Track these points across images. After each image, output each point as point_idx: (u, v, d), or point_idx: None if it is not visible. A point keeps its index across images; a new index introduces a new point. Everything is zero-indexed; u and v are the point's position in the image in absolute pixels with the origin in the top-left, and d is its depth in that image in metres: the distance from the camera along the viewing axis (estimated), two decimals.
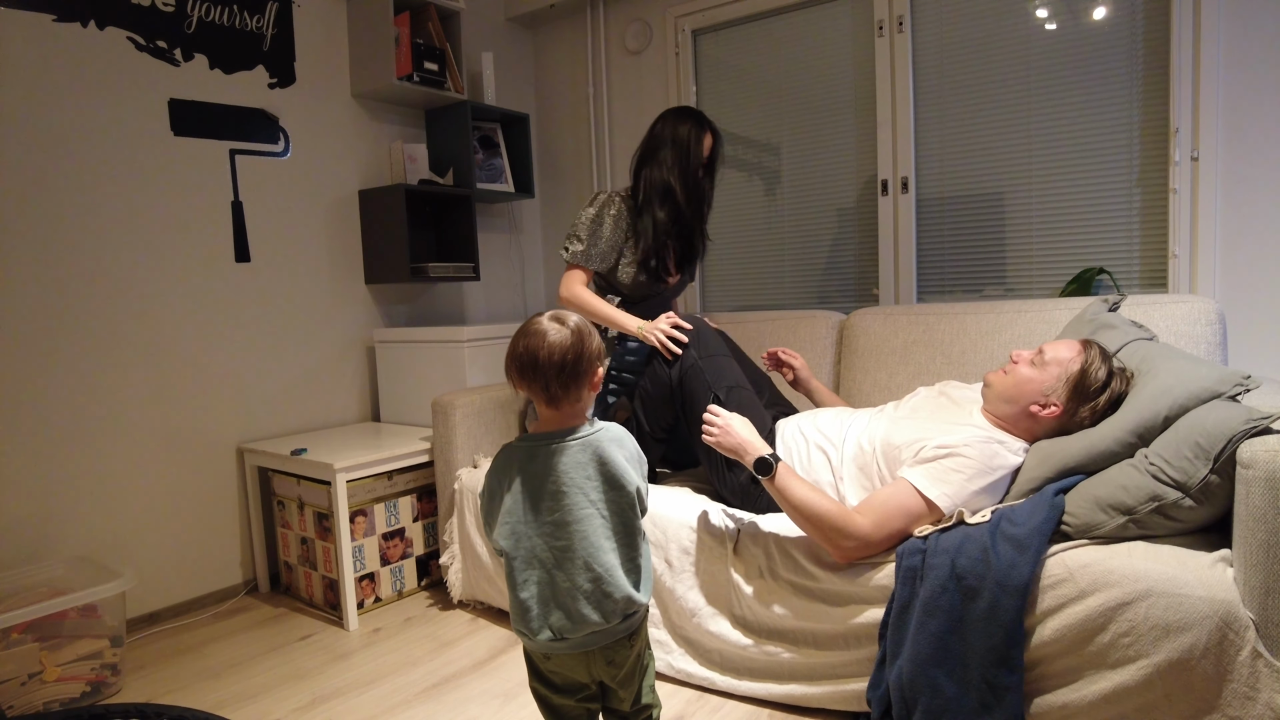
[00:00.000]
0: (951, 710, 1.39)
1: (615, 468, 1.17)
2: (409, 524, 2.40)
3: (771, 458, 1.58)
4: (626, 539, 1.18)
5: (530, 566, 1.16)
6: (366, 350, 2.86)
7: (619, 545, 1.17)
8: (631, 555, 1.18)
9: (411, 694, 1.83)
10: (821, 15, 2.72)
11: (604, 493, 1.17)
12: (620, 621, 1.16)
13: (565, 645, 1.16)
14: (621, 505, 1.17)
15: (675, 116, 2.13)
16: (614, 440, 1.19)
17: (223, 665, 2.02)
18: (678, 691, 1.78)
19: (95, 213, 2.16)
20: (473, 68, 3.09)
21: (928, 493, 1.52)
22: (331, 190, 2.73)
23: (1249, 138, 2.03)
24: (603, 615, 1.14)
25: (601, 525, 1.16)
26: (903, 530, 1.53)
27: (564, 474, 1.16)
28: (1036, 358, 1.62)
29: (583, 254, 2.12)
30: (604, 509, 1.16)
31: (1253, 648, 1.21)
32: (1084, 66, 2.26)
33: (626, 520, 1.18)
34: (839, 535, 1.53)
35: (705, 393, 1.86)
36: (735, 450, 1.63)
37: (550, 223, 3.50)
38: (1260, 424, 1.29)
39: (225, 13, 2.43)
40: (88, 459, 2.16)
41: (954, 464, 1.54)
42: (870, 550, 1.55)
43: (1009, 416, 1.64)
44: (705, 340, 1.93)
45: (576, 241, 2.13)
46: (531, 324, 1.19)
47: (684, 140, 2.09)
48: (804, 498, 1.54)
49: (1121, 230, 2.24)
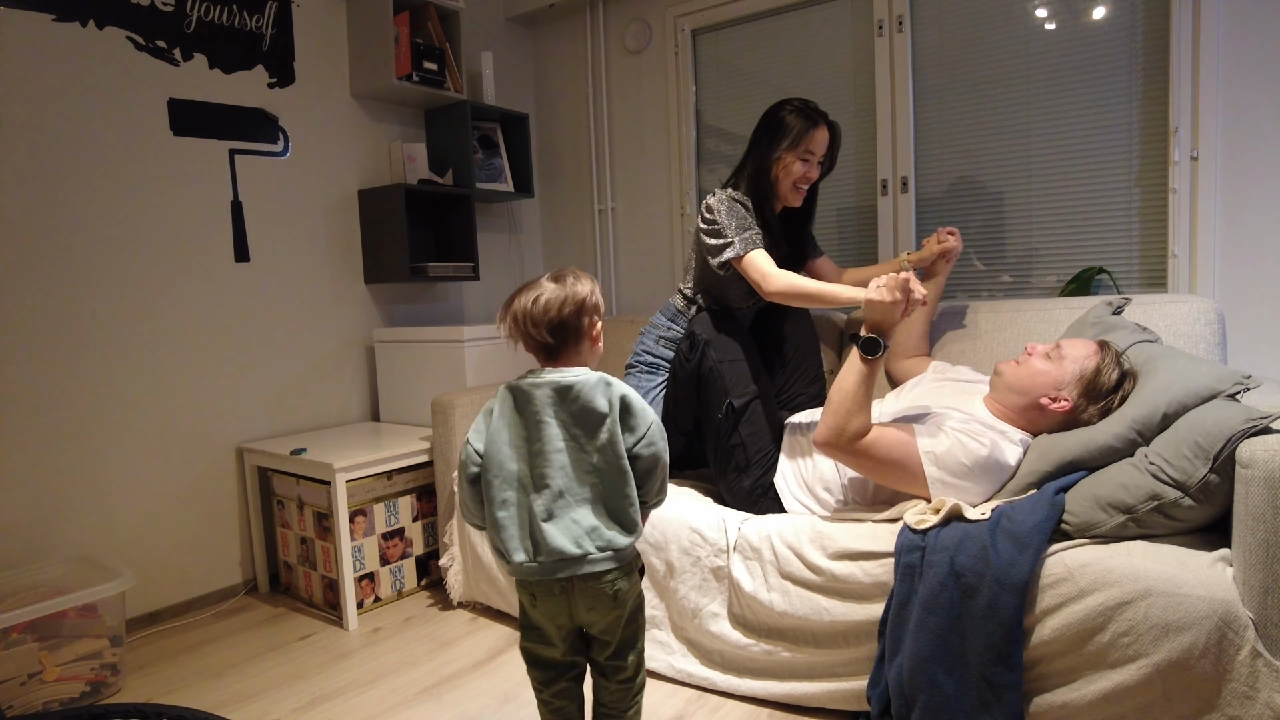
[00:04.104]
0: (951, 708, 1.39)
1: (597, 403, 1.21)
2: (409, 524, 2.40)
3: (883, 348, 1.58)
4: (609, 476, 1.22)
5: (509, 487, 1.22)
6: (366, 350, 2.86)
7: (602, 482, 1.22)
8: (614, 494, 1.22)
9: (411, 694, 1.83)
10: (821, 15, 2.72)
11: (590, 431, 1.21)
12: (596, 553, 1.20)
13: (538, 570, 1.20)
14: (604, 441, 1.21)
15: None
16: (610, 385, 1.24)
17: (222, 665, 2.02)
18: (678, 691, 1.78)
19: (94, 213, 2.16)
20: (472, 67, 3.09)
21: (921, 453, 1.55)
22: (331, 190, 2.73)
23: (1249, 138, 2.03)
24: (574, 543, 1.19)
25: (582, 459, 1.21)
26: (889, 461, 1.57)
27: (552, 409, 1.21)
28: (1053, 351, 1.63)
29: (756, 234, 1.94)
30: (587, 445, 1.21)
31: (1252, 647, 1.22)
32: (1084, 66, 2.26)
33: (609, 457, 1.21)
34: (844, 421, 1.56)
35: (720, 399, 1.86)
36: (881, 324, 1.59)
37: (550, 222, 3.51)
38: (1259, 423, 1.30)
39: (225, 12, 2.43)
40: (88, 459, 2.16)
41: (962, 448, 1.54)
42: (845, 454, 1.59)
43: (1016, 407, 1.64)
44: (729, 343, 1.90)
45: (740, 229, 1.92)
46: (530, 282, 1.26)
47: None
48: (859, 390, 1.57)
49: (1121, 230, 2.24)
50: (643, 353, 2.11)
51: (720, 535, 1.76)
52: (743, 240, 1.91)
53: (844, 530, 1.62)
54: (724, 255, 1.92)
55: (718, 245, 1.94)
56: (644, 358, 2.11)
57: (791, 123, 1.96)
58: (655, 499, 1.30)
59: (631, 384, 2.06)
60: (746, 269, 1.90)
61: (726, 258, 1.92)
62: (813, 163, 2.00)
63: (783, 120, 1.98)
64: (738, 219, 1.93)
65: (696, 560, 1.78)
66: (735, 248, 1.90)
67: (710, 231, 1.96)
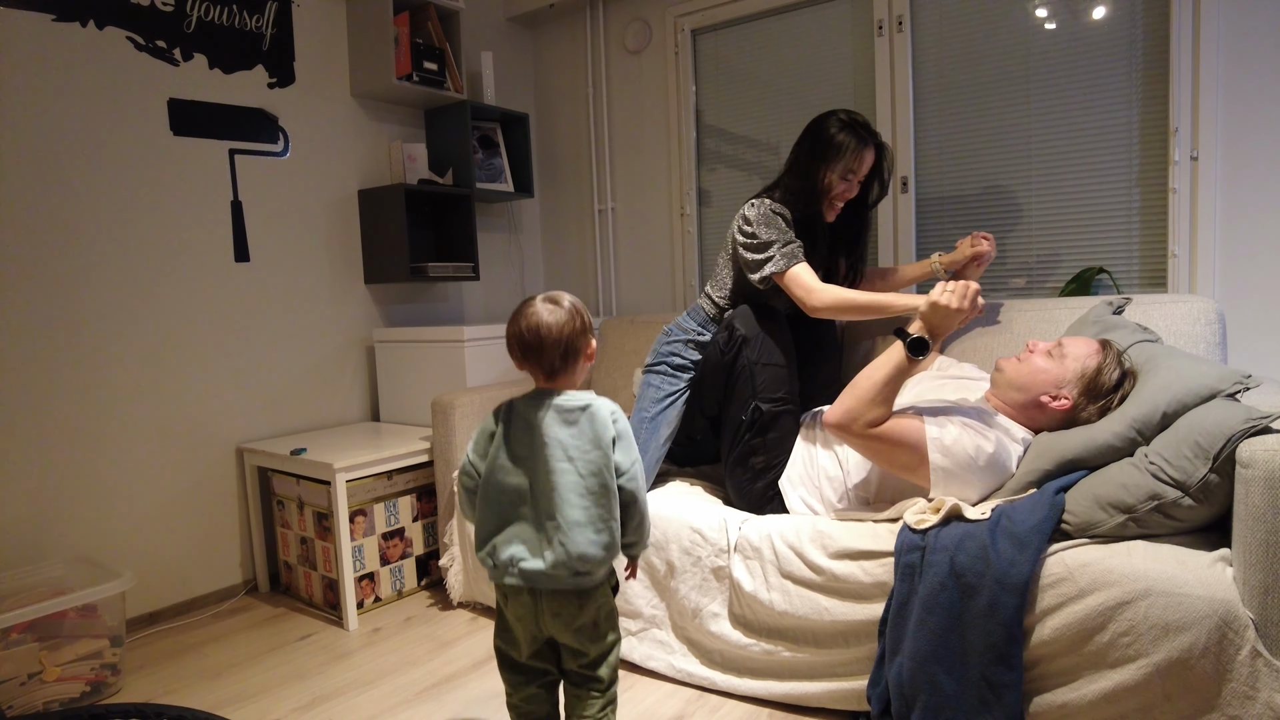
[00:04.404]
0: (951, 708, 1.39)
1: (599, 428, 1.26)
2: (409, 524, 2.40)
3: (927, 345, 1.55)
4: (601, 499, 1.25)
5: (503, 498, 1.27)
6: (366, 350, 2.86)
7: (591, 504, 1.24)
8: (604, 516, 1.25)
9: (411, 694, 1.83)
10: (821, 15, 2.72)
11: (584, 451, 1.25)
12: (569, 575, 1.23)
13: (513, 576, 1.24)
14: (599, 465, 1.25)
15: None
16: (603, 407, 1.28)
17: (222, 665, 2.02)
18: (678, 691, 1.78)
19: (94, 213, 2.16)
20: (472, 67, 3.09)
21: (929, 441, 1.54)
22: (331, 190, 2.73)
23: (1249, 138, 2.03)
24: (552, 563, 1.23)
25: (576, 482, 1.24)
26: (896, 444, 1.56)
27: (548, 428, 1.26)
28: (1055, 349, 1.63)
29: (798, 246, 1.89)
30: (581, 467, 1.25)
31: (1252, 647, 1.22)
32: (1084, 66, 2.26)
33: (603, 481, 1.25)
34: (864, 410, 1.56)
35: (747, 399, 1.84)
36: (938, 329, 1.57)
37: (550, 222, 3.51)
38: (1259, 423, 1.30)
39: (225, 12, 2.43)
40: (88, 459, 2.16)
41: (970, 440, 1.54)
42: (854, 438, 1.58)
43: (1016, 403, 1.64)
44: (768, 344, 1.85)
45: (781, 243, 1.87)
46: (528, 306, 1.30)
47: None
48: (889, 384, 1.56)
49: (1121, 230, 2.24)
50: (670, 354, 2.07)
51: (721, 535, 1.76)
52: (784, 254, 1.85)
53: (844, 530, 1.62)
54: (764, 270, 1.86)
55: (757, 260, 1.88)
56: (672, 360, 2.06)
57: (841, 141, 1.88)
58: (636, 537, 1.32)
59: (654, 383, 2.05)
60: (789, 284, 1.85)
61: (767, 273, 1.86)
62: (853, 182, 1.92)
63: (830, 136, 1.89)
64: (778, 231, 1.87)
65: (697, 560, 1.78)
66: (776, 262, 1.85)
67: (749, 245, 1.90)
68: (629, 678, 1.85)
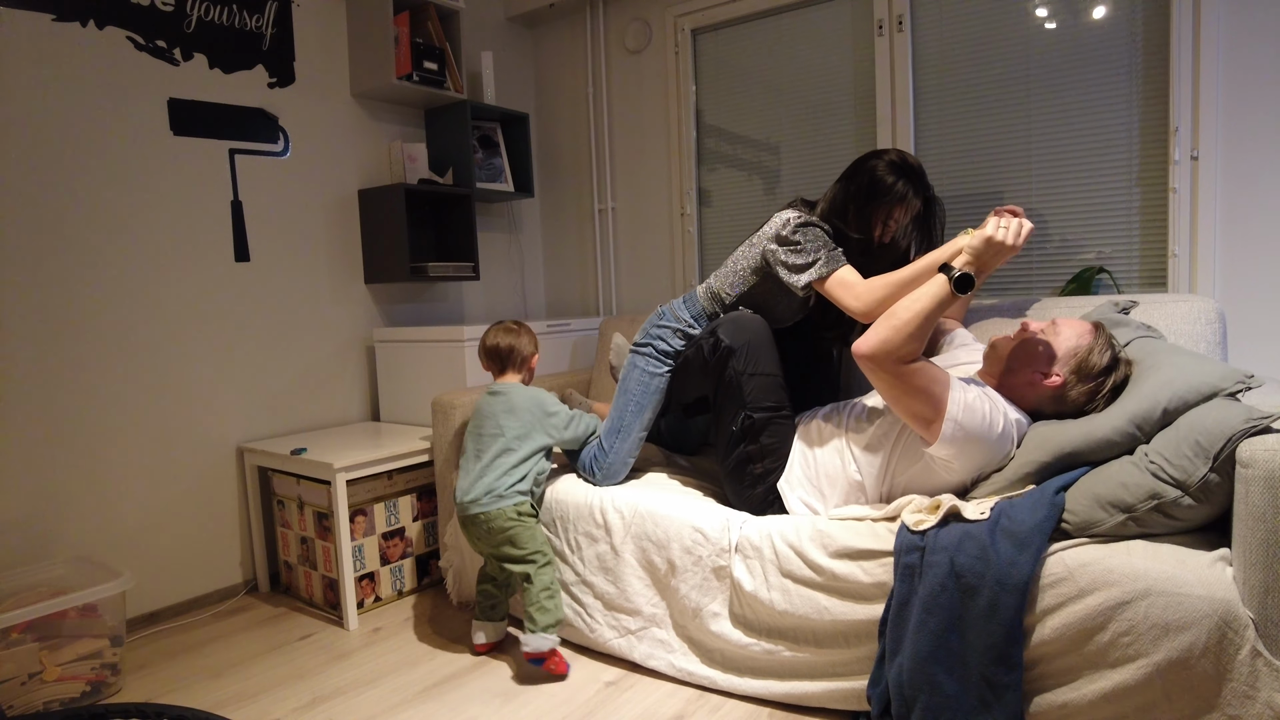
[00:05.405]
0: (951, 708, 1.39)
1: (520, 406, 1.97)
2: (409, 523, 2.40)
3: (973, 281, 1.53)
4: (522, 454, 1.93)
5: (469, 453, 1.97)
6: (366, 350, 2.86)
7: (513, 455, 1.92)
8: (519, 463, 1.92)
9: (411, 693, 1.83)
10: (821, 15, 2.72)
11: (509, 420, 1.95)
12: (486, 497, 1.88)
13: (460, 506, 1.91)
14: (521, 430, 1.94)
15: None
16: (527, 393, 1.99)
17: (223, 665, 2.02)
18: (678, 690, 1.78)
19: (94, 212, 2.16)
20: (472, 67, 3.09)
21: (951, 394, 1.53)
22: (331, 190, 2.73)
23: (1249, 137, 2.03)
24: (476, 497, 1.88)
25: (502, 442, 1.93)
26: (919, 390, 1.53)
27: (493, 407, 1.98)
28: (1049, 328, 1.63)
29: (840, 250, 1.86)
30: (507, 432, 1.94)
31: (1252, 646, 1.22)
32: (1084, 66, 2.26)
33: (525, 439, 1.94)
34: (900, 343, 1.52)
35: (736, 410, 1.83)
36: (987, 265, 1.55)
37: (550, 222, 3.51)
38: (1260, 423, 1.30)
39: (225, 12, 2.43)
40: (88, 459, 2.16)
41: (986, 409, 1.55)
42: (883, 370, 1.53)
43: (1008, 381, 1.65)
44: (755, 354, 1.83)
45: (823, 248, 1.84)
46: (494, 328, 2.08)
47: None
48: (929, 316, 1.53)
49: (1121, 229, 2.24)
50: (657, 338, 2.05)
51: (723, 535, 1.76)
52: (829, 258, 1.81)
53: (844, 529, 1.62)
54: (807, 275, 1.81)
55: (799, 264, 1.83)
56: (658, 344, 2.04)
57: (894, 189, 1.83)
58: (575, 434, 2.04)
59: (640, 365, 2.05)
60: (833, 290, 1.79)
61: (809, 279, 1.81)
62: (892, 228, 1.89)
63: (879, 180, 1.84)
64: (820, 241, 1.84)
65: (698, 559, 1.78)
66: (819, 268, 1.81)
67: (791, 250, 1.85)
68: (629, 677, 1.85)
